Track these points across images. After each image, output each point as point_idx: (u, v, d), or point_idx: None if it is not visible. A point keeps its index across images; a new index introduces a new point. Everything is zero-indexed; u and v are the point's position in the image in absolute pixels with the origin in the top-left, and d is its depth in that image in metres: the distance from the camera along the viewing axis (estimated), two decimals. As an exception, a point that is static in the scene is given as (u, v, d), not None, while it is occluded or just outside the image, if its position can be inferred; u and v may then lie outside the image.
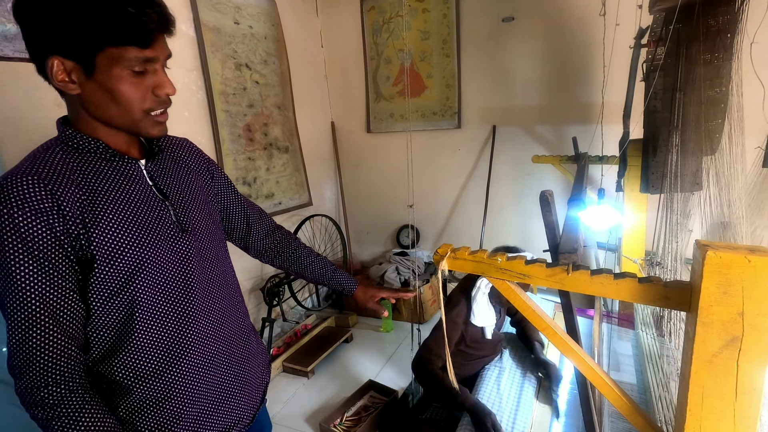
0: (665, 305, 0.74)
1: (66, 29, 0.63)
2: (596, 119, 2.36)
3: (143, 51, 0.67)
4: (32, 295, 0.64)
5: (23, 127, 1.54)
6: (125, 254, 0.71)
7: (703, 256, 0.64)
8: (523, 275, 0.83)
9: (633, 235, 2.16)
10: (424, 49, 3.00)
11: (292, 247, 1.13)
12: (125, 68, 0.66)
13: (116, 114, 0.69)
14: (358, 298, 1.15)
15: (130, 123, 0.71)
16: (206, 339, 0.82)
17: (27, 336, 0.64)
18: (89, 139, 0.71)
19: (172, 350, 0.77)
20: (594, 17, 2.22)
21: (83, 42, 0.63)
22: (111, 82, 0.66)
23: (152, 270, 0.74)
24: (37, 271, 0.64)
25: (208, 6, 2.26)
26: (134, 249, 0.71)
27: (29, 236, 0.63)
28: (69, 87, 0.66)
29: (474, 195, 3.09)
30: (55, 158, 0.68)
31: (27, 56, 1.55)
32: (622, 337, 2.20)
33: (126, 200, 0.73)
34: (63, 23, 0.62)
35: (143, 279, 0.73)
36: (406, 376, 2.34)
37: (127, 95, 0.68)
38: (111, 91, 0.67)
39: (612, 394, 0.82)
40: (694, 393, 0.70)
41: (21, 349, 0.64)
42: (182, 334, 0.78)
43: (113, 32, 0.64)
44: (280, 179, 2.81)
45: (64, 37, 0.63)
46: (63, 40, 0.63)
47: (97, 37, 0.63)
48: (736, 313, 0.65)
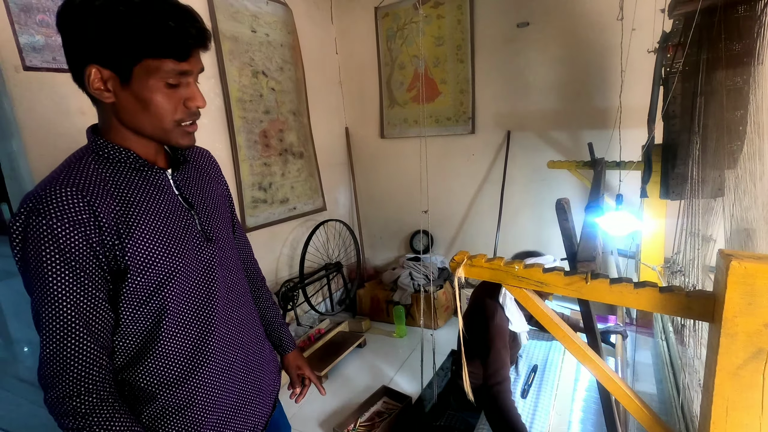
0: (687, 315, 0.73)
1: (107, 40, 0.64)
2: (612, 124, 2.33)
3: (179, 64, 0.69)
4: (68, 305, 0.65)
5: (50, 135, 1.59)
6: (156, 264, 0.72)
7: (727, 266, 0.63)
8: (541, 283, 0.82)
9: (652, 242, 2.12)
10: (438, 55, 3.00)
11: (258, 285, 1.12)
12: (160, 80, 0.68)
13: (148, 123, 0.71)
14: (287, 361, 1.12)
15: (161, 132, 0.73)
16: (226, 346, 0.84)
17: (61, 346, 0.65)
18: (120, 149, 0.72)
19: (195, 358, 0.78)
20: (611, 22, 2.20)
21: (123, 53, 0.65)
22: (146, 92, 0.68)
23: (180, 279, 0.75)
24: (73, 282, 0.65)
25: (227, 15, 2.31)
26: (165, 259, 0.73)
27: (67, 247, 0.64)
28: (104, 95, 0.68)
29: (488, 200, 3.07)
30: (89, 168, 0.70)
31: (54, 66, 1.60)
32: (641, 346, 2.16)
33: (156, 210, 0.74)
34: (104, 34, 0.64)
35: (171, 288, 0.74)
36: (419, 381, 2.33)
37: (160, 106, 0.70)
38: (145, 101, 0.69)
39: (633, 406, 0.81)
40: (719, 406, 0.69)
41: (55, 358, 0.65)
42: (205, 341, 0.80)
43: (153, 45, 0.66)
44: (294, 184, 2.84)
45: (104, 47, 0.65)
46: (102, 50, 0.65)
47: (136, 49, 0.65)
48: (761, 325, 0.63)
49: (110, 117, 0.71)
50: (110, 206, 0.68)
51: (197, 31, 0.69)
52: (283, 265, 2.86)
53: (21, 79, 1.51)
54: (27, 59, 1.52)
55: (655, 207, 2.04)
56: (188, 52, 0.69)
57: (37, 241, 0.63)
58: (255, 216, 2.54)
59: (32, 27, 1.54)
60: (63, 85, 1.63)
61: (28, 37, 1.52)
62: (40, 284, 0.64)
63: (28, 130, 1.53)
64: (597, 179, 1.63)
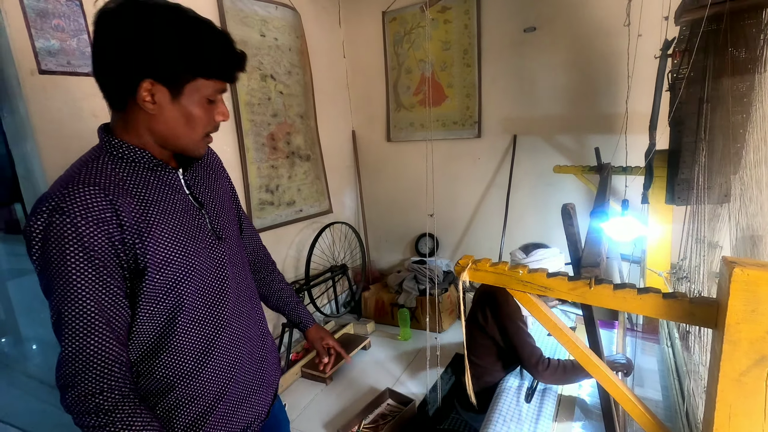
0: (690, 322, 0.74)
1: (168, 59, 0.68)
2: (619, 129, 2.33)
3: (224, 84, 0.75)
4: (91, 303, 0.66)
5: (63, 137, 1.63)
6: (173, 263, 0.74)
7: (730, 273, 0.63)
8: (545, 288, 0.83)
9: (658, 248, 2.12)
10: (444, 59, 3.02)
11: (269, 269, 1.16)
12: (204, 96, 0.73)
13: (183, 134, 0.75)
14: (310, 335, 1.16)
15: (191, 143, 0.77)
16: (236, 340, 0.87)
17: (84, 344, 0.66)
18: (135, 149, 0.74)
19: (208, 351, 0.81)
20: (617, 28, 2.21)
21: (181, 72, 0.70)
22: (190, 107, 0.73)
23: (195, 277, 0.77)
24: (96, 280, 0.66)
25: (236, 20, 2.34)
26: (181, 258, 0.75)
27: (90, 246, 0.65)
28: (148, 106, 0.70)
29: (494, 204, 3.07)
30: (107, 168, 0.72)
31: (68, 70, 1.63)
32: (646, 352, 2.14)
33: (172, 210, 0.77)
34: (166, 54, 0.68)
35: (187, 286, 0.76)
36: (423, 384, 2.33)
37: (199, 118, 0.74)
38: (188, 115, 0.73)
39: (635, 411, 0.81)
40: (721, 412, 0.69)
41: (77, 356, 0.65)
42: (216, 335, 0.82)
43: (208, 67, 0.71)
44: (301, 187, 2.86)
45: (164, 65, 0.68)
46: (162, 68, 0.69)
47: (194, 70, 0.71)
48: (764, 332, 0.64)
49: (135, 122, 0.73)
50: (131, 205, 0.70)
51: (241, 56, 0.77)
52: (289, 266, 2.88)
53: (36, 83, 1.54)
54: (42, 63, 1.56)
55: (661, 212, 2.03)
56: (234, 75, 0.76)
57: (61, 239, 0.64)
58: (262, 218, 2.56)
59: (48, 32, 1.57)
60: (76, 89, 1.66)
61: (44, 41, 1.56)
62: (62, 282, 0.65)
63: (41, 132, 1.57)
64: (603, 184, 1.64)
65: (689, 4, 1.24)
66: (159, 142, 0.76)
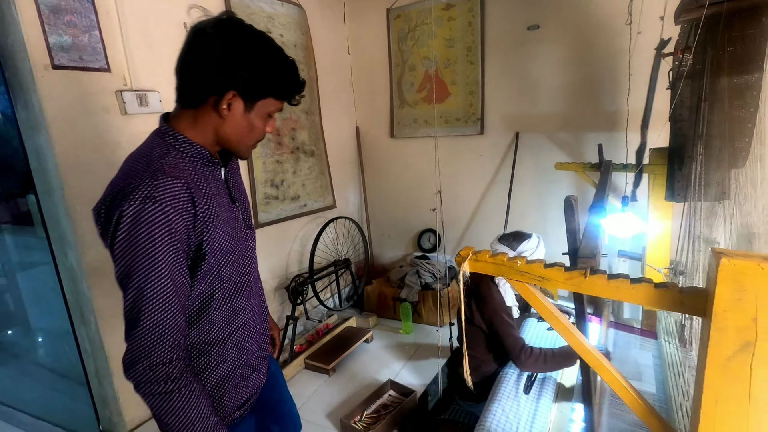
0: (680, 310, 0.77)
1: (253, 79, 0.81)
2: (621, 127, 2.35)
3: (283, 104, 0.88)
4: (169, 283, 0.74)
5: (75, 130, 1.66)
6: (223, 249, 0.85)
7: (718, 263, 0.66)
8: (542, 278, 0.87)
9: (657, 244, 2.14)
10: (448, 57, 3.04)
11: None
12: (267, 112, 0.86)
13: (244, 139, 0.87)
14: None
15: (246, 147, 0.90)
16: (253, 315, 0.98)
17: (161, 318, 0.74)
18: (197, 146, 0.83)
19: (233, 323, 0.92)
20: (619, 26, 2.23)
21: (261, 91, 0.83)
22: (256, 119, 0.85)
23: (233, 261, 0.89)
24: (174, 263, 0.75)
25: (243, 16, 2.35)
26: (229, 245, 0.86)
27: (175, 232, 0.74)
28: (224, 113, 0.82)
29: (495, 201, 3.10)
30: (179, 162, 0.80)
31: (80, 65, 1.67)
32: (644, 347, 2.17)
33: (223, 202, 0.87)
34: (253, 75, 0.80)
35: (227, 269, 0.87)
36: (424, 377, 2.37)
37: (259, 129, 0.87)
38: (252, 125, 0.85)
39: (616, 384, 0.85)
40: (708, 397, 0.73)
41: (154, 330, 0.73)
42: (241, 310, 0.94)
43: (281, 91, 0.85)
44: (306, 182, 2.90)
45: (248, 83, 0.81)
46: (246, 85, 0.81)
47: (270, 91, 0.84)
48: (749, 319, 0.67)
49: (204, 121, 0.84)
50: (202, 198, 0.80)
51: (303, 83, 0.89)
52: (293, 260, 2.92)
53: (49, 77, 1.58)
54: (55, 58, 1.59)
55: (661, 209, 2.06)
56: (296, 98, 0.90)
57: (151, 225, 0.72)
58: (267, 212, 2.60)
59: (60, 27, 1.61)
60: (88, 84, 1.70)
61: (57, 37, 1.60)
62: (148, 263, 0.72)
63: (54, 125, 1.60)
64: (603, 181, 1.67)
65: (688, 4, 1.27)
66: (220, 141, 0.86)
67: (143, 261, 0.72)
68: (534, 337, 2.03)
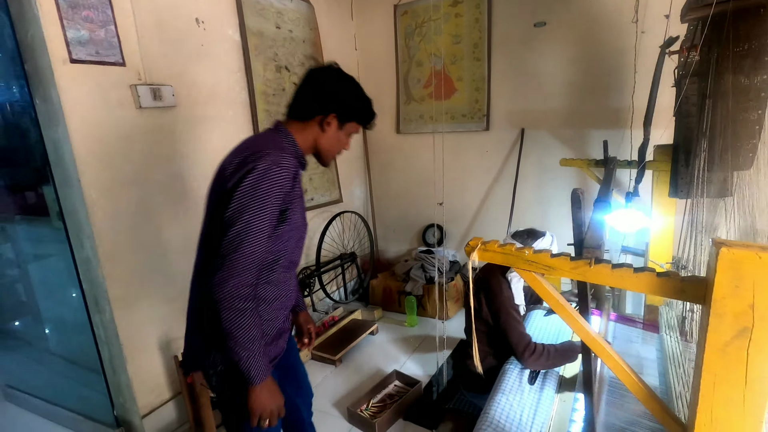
0: (681, 298, 0.80)
1: (349, 108, 1.16)
2: (626, 124, 2.37)
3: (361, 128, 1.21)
4: (267, 227, 0.99)
5: (92, 123, 1.71)
6: (294, 222, 1.10)
7: (718, 252, 0.70)
8: (549, 267, 0.90)
9: (660, 240, 2.17)
10: (455, 53, 3.06)
11: None
12: (350, 132, 1.21)
13: (332, 150, 1.20)
14: (301, 317, 1.47)
15: (330, 156, 1.21)
16: (292, 290, 1.23)
17: (254, 250, 0.97)
18: (299, 149, 1.14)
19: (280, 290, 1.15)
20: (625, 24, 2.25)
21: (352, 117, 1.17)
22: (343, 136, 1.19)
23: (296, 237, 1.15)
24: (273, 213, 1.00)
25: (253, 12, 2.41)
26: (298, 220, 1.13)
27: (282, 191, 1.01)
28: (325, 128, 1.14)
29: (500, 196, 3.13)
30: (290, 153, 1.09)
31: (97, 59, 1.71)
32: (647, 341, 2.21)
33: (299, 193, 1.13)
34: (350, 105, 1.15)
35: (291, 241, 1.13)
36: (429, 368, 2.42)
37: (343, 143, 1.21)
38: (339, 140, 1.19)
39: (618, 368, 0.89)
40: (707, 380, 0.77)
41: (249, 258, 0.97)
42: (287, 282, 1.18)
43: (364, 118, 1.20)
44: (313, 176, 2.93)
45: (345, 110, 1.15)
46: (344, 111, 1.15)
47: (357, 117, 1.19)
48: (747, 306, 0.70)
49: (309, 132, 1.15)
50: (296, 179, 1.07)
51: (375, 115, 1.23)
52: (300, 253, 2.96)
53: (67, 71, 1.62)
54: (73, 52, 1.63)
55: (665, 205, 2.08)
56: (371, 125, 1.24)
57: (272, 181, 0.99)
58: (275, 205, 2.64)
59: (78, 22, 1.65)
60: (103, 78, 1.74)
61: (75, 31, 1.64)
62: (259, 207, 0.97)
63: (72, 118, 1.64)
64: (607, 176, 1.70)
65: (694, 3, 1.29)
66: (315, 149, 1.18)
67: (257, 204, 0.97)
68: (536, 329, 2.07)
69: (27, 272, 2.57)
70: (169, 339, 2.05)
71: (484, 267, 1.93)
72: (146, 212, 1.92)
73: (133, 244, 1.87)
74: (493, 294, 1.77)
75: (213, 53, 2.21)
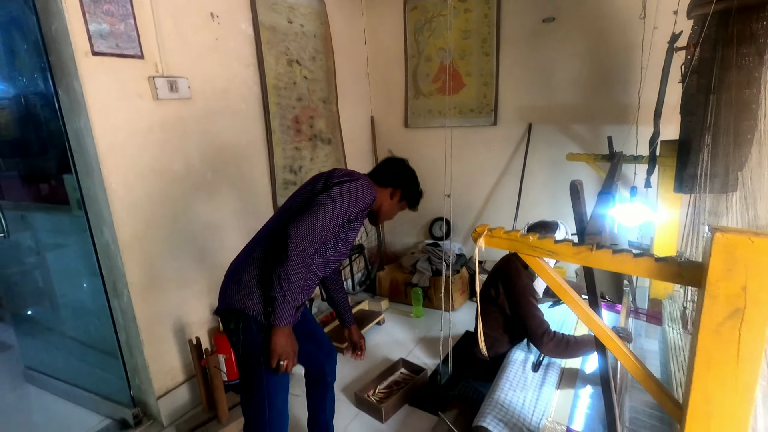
0: (679, 282, 0.85)
1: (409, 189, 1.54)
2: (632, 120, 2.40)
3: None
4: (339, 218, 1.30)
5: (112, 114, 1.76)
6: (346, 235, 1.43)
7: (713, 237, 0.74)
8: (552, 252, 0.95)
9: (665, 235, 2.20)
10: (464, 48, 3.09)
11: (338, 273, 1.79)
12: (402, 208, 1.58)
13: (387, 214, 1.55)
14: (353, 331, 1.76)
15: (383, 218, 1.56)
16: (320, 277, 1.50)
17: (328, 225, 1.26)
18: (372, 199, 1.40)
19: (318, 270, 1.42)
20: (633, 20, 2.27)
21: (408, 197, 1.55)
22: (397, 208, 1.57)
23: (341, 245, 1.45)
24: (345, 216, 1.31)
25: (266, 7, 2.45)
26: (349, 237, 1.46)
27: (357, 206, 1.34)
28: (391, 195, 1.52)
29: (507, 191, 3.17)
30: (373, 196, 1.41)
31: (117, 52, 1.77)
32: (650, 335, 2.25)
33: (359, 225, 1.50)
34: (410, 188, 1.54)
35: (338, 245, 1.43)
36: (435, 357, 2.47)
37: (394, 212, 1.58)
38: (394, 209, 1.56)
39: (623, 356, 0.93)
40: (701, 358, 0.81)
41: (323, 226, 1.25)
42: (325, 267, 1.44)
43: (413, 199, 1.57)
44: (322, 169, 2.98)
45: (406, 190, 1.53)
46: (405, 190, 1.53)
47: (411, 198, 1.57)
48: (739, 288, 0.75)
49: (381, 194, 1.50)
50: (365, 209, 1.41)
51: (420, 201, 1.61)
52: (309, 245, 3.02)
53: (89, 63, 1.68)
54: (95, 45, 1.69)
55: (670, 200, 2.11)
56: (417, 207, 1.62)
57: (358, 194, 1.34)
58: (285, 196, 2.69)
59: (100, 16, 1.70)
60: (123, 70, 1.79)
61: (96, 25, 1.69)
62: (341, 203, 1.30)
63: (93, 109, 1.70)
64: (612, 169, 1.73)
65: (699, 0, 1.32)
66: (376, 206, 1.50)
67: (340, 201, 1.30)
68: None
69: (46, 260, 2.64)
70: (183, 324, 2.12)
71: (504, 258, 1.97)
72: (162, 201, 1.98)
73: (150, 232, 1.94)
74: (512, 283, 1.82)
75: (227, 47, 2.26)
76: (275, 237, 1.34)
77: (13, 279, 2.73)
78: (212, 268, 2.22)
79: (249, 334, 1.29)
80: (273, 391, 1.33)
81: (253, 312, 1.28)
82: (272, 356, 1.22)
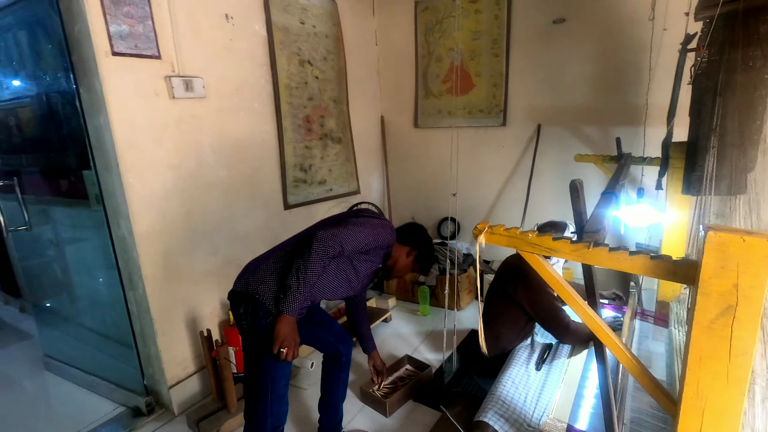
0: (673, 279, 0.86)
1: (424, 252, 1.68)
2: (640, 121, 2.39)
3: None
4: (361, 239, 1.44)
5: (130, 112, 1.83)
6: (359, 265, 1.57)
7: (706, 235, 0.76)
8: (551, 249, 0.97)
9: (673, 236, 2.19)
10: (474, 49, 3.11)
11: (363, 304, 1.96)
12: (414, 270, 1.71)
13: (400, 270, 1.68)
14: (374, 356, 1.97)
15: (396, 274, 1.70)
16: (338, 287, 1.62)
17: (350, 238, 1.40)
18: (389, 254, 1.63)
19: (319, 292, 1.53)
20: (643, 21, 2.26)
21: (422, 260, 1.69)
22: (408, 266, 1.69)
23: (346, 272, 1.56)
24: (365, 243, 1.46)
25: (279, 8, 2.51)
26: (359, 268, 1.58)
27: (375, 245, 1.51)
28: (408, 253, 1.67)
29: (515, 192, 3.17)
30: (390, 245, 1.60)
31: (136, 52, 1.83)
32: (656, 337, 2.24)
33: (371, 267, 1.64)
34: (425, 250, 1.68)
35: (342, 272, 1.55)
36: (440, 355, 2.50)
37: (407, 270, 1.70)
38: (407, 267, 1.69)
39: (619, 353, 0.95)
40: (694, 355, 0.83)
41: (347, 236, 1.39)
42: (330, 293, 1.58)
43: (425, 265, 1.71)
44: (332, 167, 3.03)
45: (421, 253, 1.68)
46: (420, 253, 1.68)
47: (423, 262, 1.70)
48: (731, 286, 0.76)
49: (398, 250, 1.65)
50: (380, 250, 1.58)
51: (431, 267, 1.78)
52: (318, 242, 3.07)
53: (109, 63, 1.75)
54: (115, 45, 1.76)
55: (679, 202, 2.10)
56: (428, 273, 1.94)
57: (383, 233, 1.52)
58: (295, 195, 2.75)
59: (119, 17, 1.77)
60: (141, 70, 1.86)
61: (116, 26, 1.76)
62: (368, 232, 1.47)
63: (112, 107, 1.77)
64: (618, 170, 1.74)
65: (706, 1, 1.33)
66: (392, 261, 1.65)
67: (367, 228, 1.47)
68: None
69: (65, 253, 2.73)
70: (195, 316, 2.18)
71: (515, 254, 2.01)
72: (177, 196, 2.05)
73: (165, 226, 2.01)
74: (530, 279, 1.85)
75: (241, 47, 2.32)
76: (300, 242, 1.48)
77: (34, 271, 2.83)
78: (224, 262, 2.29)
79: (256, 318, 1.37)
80: (275, 377, 1.42)
81: (263, 298, 1.37)
82: (275, 342, 1.30)
